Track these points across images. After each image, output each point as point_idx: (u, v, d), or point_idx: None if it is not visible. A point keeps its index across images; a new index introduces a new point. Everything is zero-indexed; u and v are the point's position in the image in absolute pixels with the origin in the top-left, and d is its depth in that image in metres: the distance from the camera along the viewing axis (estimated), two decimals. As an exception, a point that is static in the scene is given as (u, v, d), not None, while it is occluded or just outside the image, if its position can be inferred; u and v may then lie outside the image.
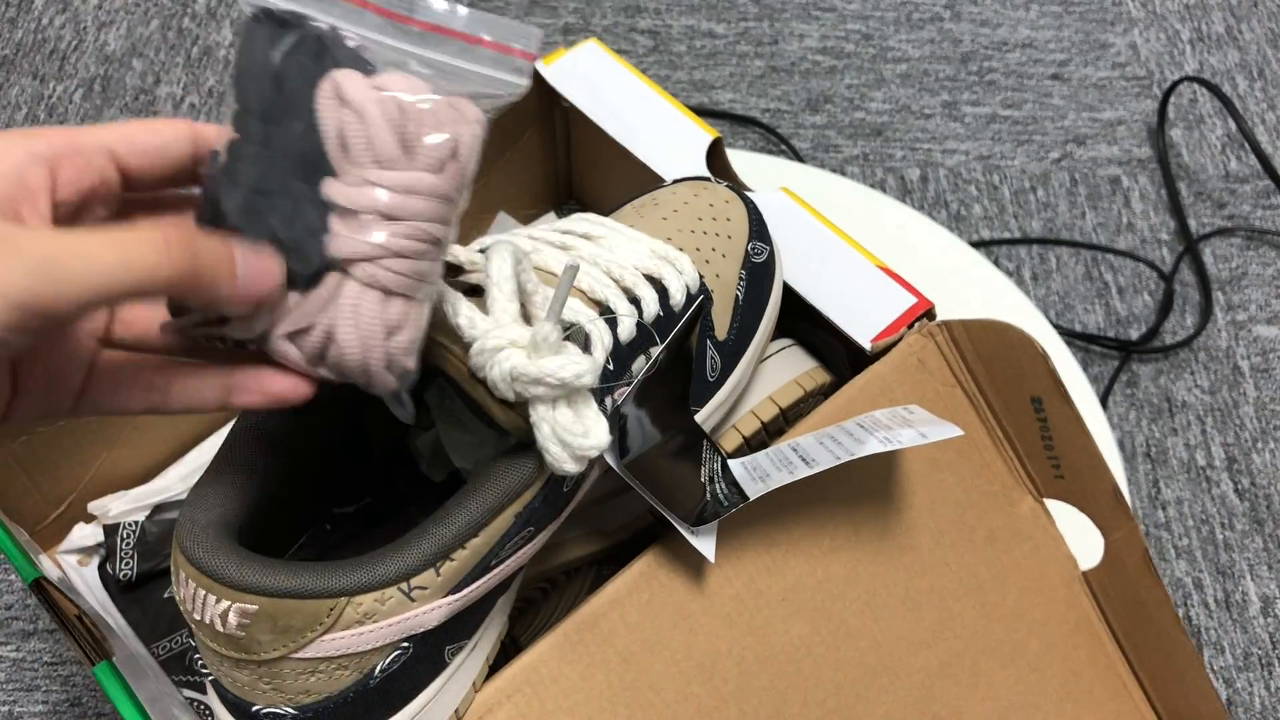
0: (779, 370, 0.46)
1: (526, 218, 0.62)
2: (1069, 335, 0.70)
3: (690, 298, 0.40)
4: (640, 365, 0.37)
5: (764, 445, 0.43)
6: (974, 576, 0.43)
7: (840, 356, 0.46)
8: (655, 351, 0.37)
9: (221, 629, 0.30)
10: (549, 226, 0.41)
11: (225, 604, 0.29)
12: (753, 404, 0.44)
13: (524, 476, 0.32)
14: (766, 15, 0.88)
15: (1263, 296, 0.73)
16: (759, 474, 0.38)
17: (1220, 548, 0.63)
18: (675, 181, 0.46)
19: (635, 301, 0.38)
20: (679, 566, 0.39)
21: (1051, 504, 0.45)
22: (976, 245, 0.75)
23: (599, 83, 0.53)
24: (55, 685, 0.58)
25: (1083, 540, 0.45)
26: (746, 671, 0.39)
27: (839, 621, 0.41)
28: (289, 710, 0.31)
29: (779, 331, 0.47)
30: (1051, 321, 0.69)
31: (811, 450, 0.38)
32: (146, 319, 0.31)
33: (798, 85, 0.83)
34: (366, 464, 0.39)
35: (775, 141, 0.80)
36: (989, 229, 0.76)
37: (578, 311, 0.35)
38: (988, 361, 0.43)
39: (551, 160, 0.59)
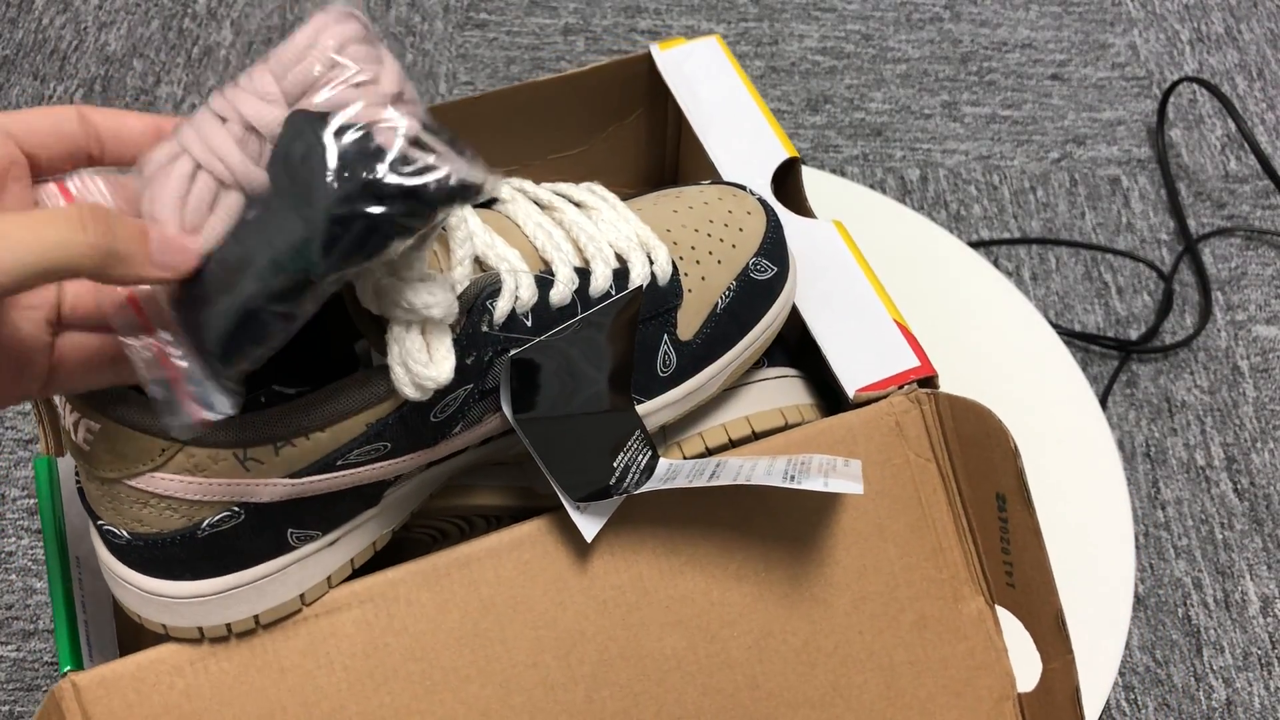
0: (768, 395, 0.45)
1: (623, 196, 0.63)
2: (1069, 335, 0.70)
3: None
4: None
5: None
6: (887, 655, 0.40)
7: (849, 406, 0.45)
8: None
9: (74, 438, 0.33)
10: (550, 186, 0.41)
11: (76, 415, 0.32)
12: (726, 419, 0.44)
13: (377, 390, 0.34)
14: (766, 15, 0.88)
15: (1262, 296, 0.73)
16: (670, 474, 0.38)
17: (1220, 547, 0.63)
18: (712, 182, 0.46)
19: (586, 274, 0.38)
20: (568, 539, 0.38)
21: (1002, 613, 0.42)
22: (976, 245, 0.75)
23: (702, 77, 0.53)
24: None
25: (1031, 658, 0.41)
26: (607, 662, 0.38)
27: (721, 649, 0.39)
28: (124, 534, 0.34)
29: (794, 364, 0.47)
30: (1051, 321, 0.69)
31: (725, 468, 0.38)
32: (91, 302, 0.32)
33: (798, 85, 0.84)
34: (321, 355, 0.40)
35: (775, 142, 0.80)
36: (989, 229, 0.76)
37: (505, 259, 0.36)
38: (965, 444, 0.40)
39: (659, 145, 0.59)
